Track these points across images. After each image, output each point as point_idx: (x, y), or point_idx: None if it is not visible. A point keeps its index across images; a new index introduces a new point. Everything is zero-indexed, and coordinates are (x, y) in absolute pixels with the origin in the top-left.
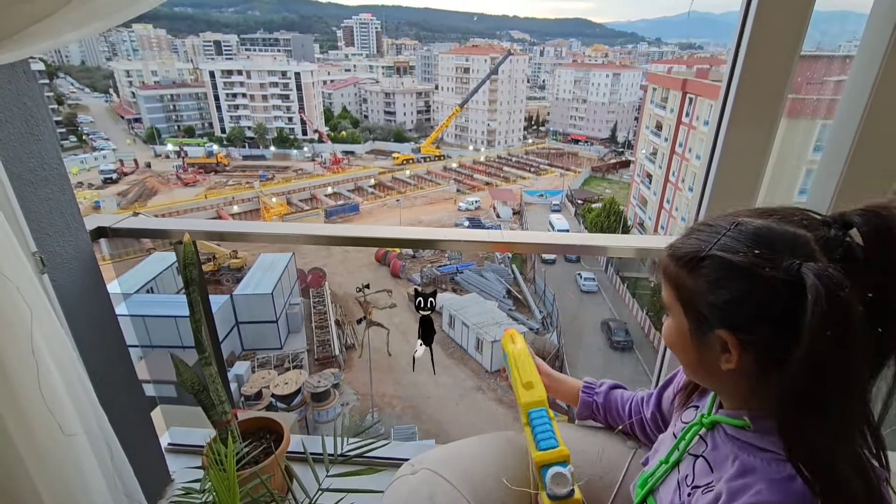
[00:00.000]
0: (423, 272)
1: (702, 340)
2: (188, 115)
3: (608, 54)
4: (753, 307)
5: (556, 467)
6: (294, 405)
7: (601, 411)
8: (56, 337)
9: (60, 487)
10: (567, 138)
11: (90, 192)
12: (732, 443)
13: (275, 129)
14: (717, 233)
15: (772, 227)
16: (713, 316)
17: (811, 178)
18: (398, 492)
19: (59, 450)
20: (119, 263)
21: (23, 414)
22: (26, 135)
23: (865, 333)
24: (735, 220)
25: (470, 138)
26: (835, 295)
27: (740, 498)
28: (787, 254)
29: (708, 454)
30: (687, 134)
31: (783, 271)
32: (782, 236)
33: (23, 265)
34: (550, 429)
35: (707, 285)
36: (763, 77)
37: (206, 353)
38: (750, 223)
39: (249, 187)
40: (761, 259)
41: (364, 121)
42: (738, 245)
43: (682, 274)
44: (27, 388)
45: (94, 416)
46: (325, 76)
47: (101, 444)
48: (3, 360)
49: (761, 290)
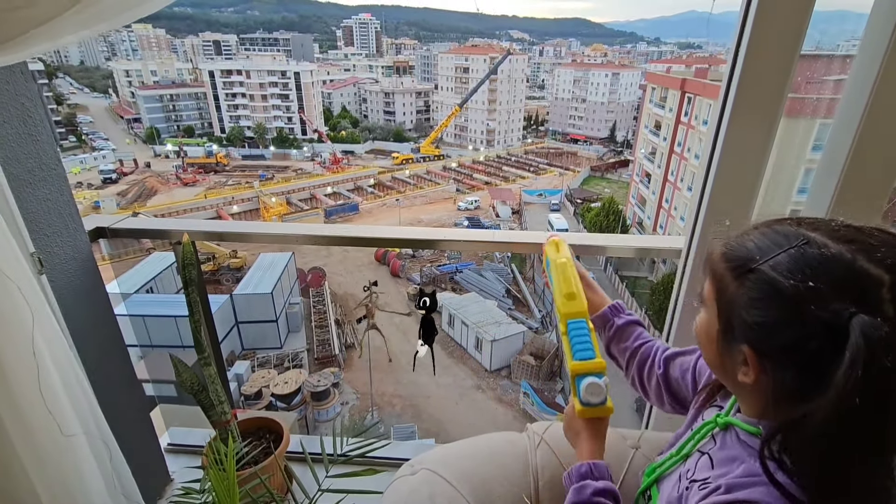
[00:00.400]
0: (423, 271)
1: (727, 346)
2: (188, 114)
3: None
4: (785, 340)
5: (592, 377)
6: (294, 404)
7: (613, 333)
8: (55, 338)
9: (59, 488)
10: (566, 138)
11: (90, 192)
12: (742, 447)
13: (274, 129)
14: (779, 245)
15: (842, 259)
16: (741, 331)
17: (810, 178)
18: (398, 492)
19: (57, 450)
20: (119, 263)
21: (22, 415)
22: (24, 135)
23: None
24: (807, 235)
25: (469, 138)
26: (878, 361)
27: (737, 492)
28: (845, 296)
29: (714, 452)
30: (686, 133)
31: (830, 314)
32: (849, 273)
33: (22, 267)
34: (589, 340)
35: (746, 299)
36: (763, 76)
37: (205, 354)
38: (821, 244)
39: (249, 187)
40: (812, 293)
41: (363, 120)
42: (794, 268)
43: (727, 277)
44: (27, 389)
45: (92, 416)
46: (325, 76)
47: (100, 444)
48: (3, 361)
49: (799, 326)
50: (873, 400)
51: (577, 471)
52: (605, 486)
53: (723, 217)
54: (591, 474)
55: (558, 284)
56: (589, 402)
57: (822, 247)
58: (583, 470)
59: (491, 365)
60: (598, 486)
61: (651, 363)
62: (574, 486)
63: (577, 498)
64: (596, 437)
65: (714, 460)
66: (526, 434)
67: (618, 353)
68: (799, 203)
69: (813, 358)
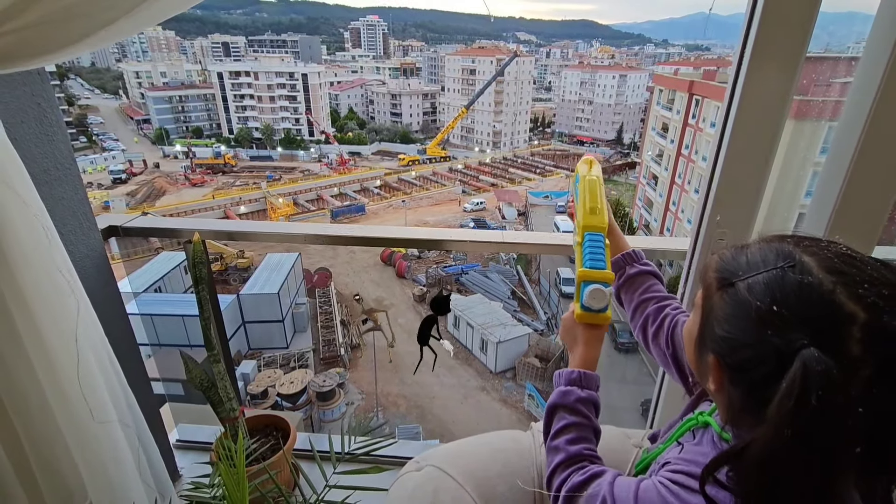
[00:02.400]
0: (429, 273)
1: (701, 351)
2: (196, 115)
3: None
4: (741, 359)
5: (598, 284)
6: (299, 404)
7: (623, 282)
8: (94, 329)
9: (98, 469)
10: (572, 140)
11: (100, 193)
12: (713, 448)
13: (282, 131)
14: (765, 263)
15: (819, 289)
16: (711, 341)
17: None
18: (403, 488)
19: (95, 434)
20: (127, 263)
21: (66, 399)
22: (40, 135)
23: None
24: (797, 258)
25: (475, 139)
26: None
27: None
28: (806, 326)
29: (688, 445)
30: (693, 136)
31: (783, 342)
32: (821, 305)
33: (65, 259)
34: (602, 254)
35: (721, 312)
36: (768, 79)
37: (214, 351)
38: (805, 270)
39: (256, 188)
40: (774, 318)
41: (370, 122)
42: (767, 290)
43: (713, 286)
44: (71, 375)
45: (126, 405)
46: (332, 77)
47: (132, 432)
48: (49, 348)
49: (755, 347)
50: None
51: (568, 375)
52: (589, 396)
53: (727, 219)
54: (578, 382)
55: (583, 198)
56: (590, 307)
57: (806, 273)
58: (573, 376)
59: (496, 366)
60: (582, 395)
61: (658, 327)
62: (559, 389)
63: (560, 400)
64: (591, 343)
65: (685, 451)
66: (530, 432)
67: (625, 301)
68: (806, 207)
69: (759, 382)
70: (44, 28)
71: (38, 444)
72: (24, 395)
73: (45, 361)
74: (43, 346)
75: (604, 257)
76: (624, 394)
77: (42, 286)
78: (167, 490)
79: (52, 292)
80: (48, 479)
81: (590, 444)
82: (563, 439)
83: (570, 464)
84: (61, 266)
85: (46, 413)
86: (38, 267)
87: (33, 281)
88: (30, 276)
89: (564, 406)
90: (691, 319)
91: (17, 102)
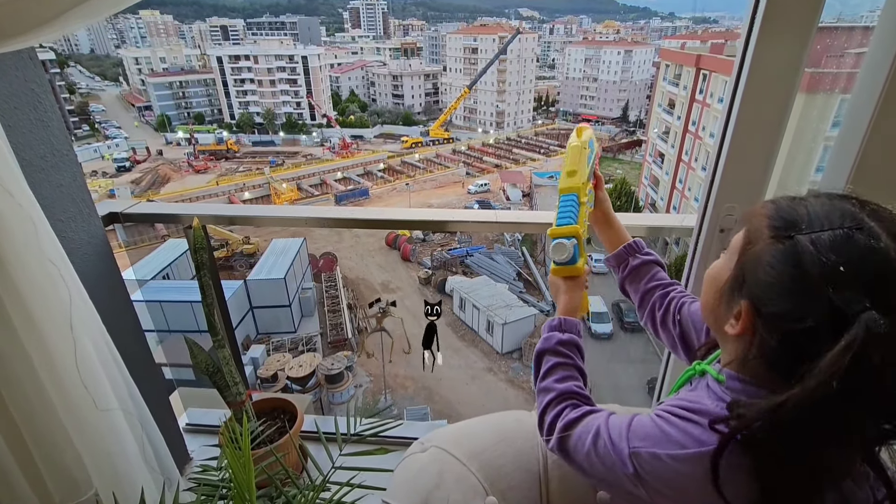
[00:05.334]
0: (434, 256)
1: (728, 295)
2: (197, 101)
3: (620, 31)
4: (787, 308)
5: (561, 239)
6: (309, 387)
7: (627, 273)
8: (91, 318)
9: (101, 458)
10: (577, 119)
11: (105, 181)
12: (707, 391)
13: (283, 115)
14: (830, 221)
15: (886, 256)
16: (748, 286)
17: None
18: (408, 469)
19: (97, 423)
20: (134, 251)
21: (64, 389)
22: (35, 121)
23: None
24: (863, 221)
25: (479, 120)
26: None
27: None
28: (868, 290)
29: (683, 392)
30: (700, 112)
31: (843, 301)
32: (885, 272)
33: (58, 249)
34: (571, 210)
35: (769, 259)
36: (779, 50)
37: (219, 336)
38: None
39: (260, 173)
40: (837, 277)
41: (372, 104)
42: (834, 249)
43: (764, 233)
44: (69, 365)
45: (127, 392)
46: (333, 59)
47: (135, 419)
48: (46, 339)
49: (808, 301)
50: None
51: (549, 323)
52: (569, 339)
53: (736, 196)
54: (559, 327)
55: (566, 162)
56: (556, 260)
57: (874, 238)
58: (554, 323)
59: (502, 348)
60: (563, 338)
61: (664, 311)
62: (544, 336)
63: (544, 346)
64: (570, 292)
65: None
66: (534, 412)
67: (631, 293)
68: (816, 182)
69: (800, 334)
70: (13, 6)
71: (39, 436)
72: (22, 386)
73: (41, 352)
74: (39, 337)
75: (572, 214)
76: (630, 373)
77: (32, 276)
78: (173, 475)
79: (43, 282)
80: (52, 470)
81: (577, 381)
82: (550, 379)
83: (560, 399)
84: (52, 255)
85: (46, 403)
86: (26, 257)
87: (22, 271)
88: (18, 267)
89: (548, 350)
90: (720, 263)
91: (10, 88)
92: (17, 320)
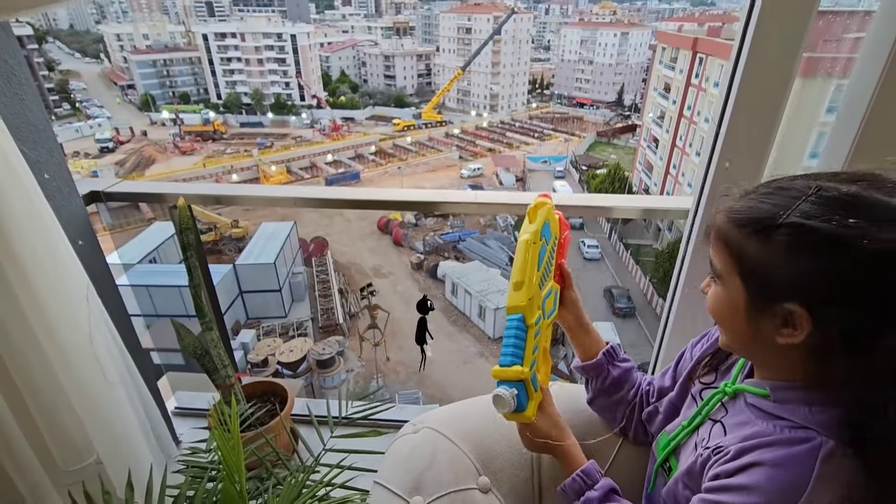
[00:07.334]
0: (426, 240)
1: (760, 312)
2: (182, 80)
3: (616, 12)
4: (841, 281)
5: (503, 387)
6: (300, 372)
7: (608, 385)
8: (93, 298)
9: (102, 427)
10: (572, 102)
11: (87, 162)
12: (751, 410)
13: (272, 95)
14: (794, 197)
15: (861, 195)
16: (786, 288)
17: (822, 141)
18: (400, 450)
19: (99, 393)
20: (120, 234)
21: (68, 360)
22: (9, 95)
23: None
24: (814, 183)
25: (472, 103)
26: None
27: (745, 456)
28: (886, 225)
29: (726, 420)
30: (696, 96)
31: (885, 243)
32: (877, 205)
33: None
34: (514, 343)
35: (784, 255)
36: (778, 34)
37: (206, 318)
38: (834, 188)
39: (248, 155)
40: (857, 229)
41: (363, 85)
42: (823, 212)
43: (749, 242)
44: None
45: (125, 365)
46: (322, 38)
47: (133, 391)
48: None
49: (853, 263)
50: None
51: (571, 487)
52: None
53: (732, 179)
54: (585, 484)
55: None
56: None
57: (836, 189)
58: (576, 486)
59: (494, 332)
60: (598, 495)
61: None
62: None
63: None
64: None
65: (726, 427)
66: None
67: (606, 403)
68: (810, 168)
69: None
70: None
71: (48, 403)
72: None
73: (58, 323)
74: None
75: (516, 349)
76: None
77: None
78: (171, 450)
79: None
80: (56, 436)
81: None
82: None
83: None
84: (57, 229)
85: (56, 374)
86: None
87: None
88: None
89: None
90: (723, 292)
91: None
92: (39, 290)
